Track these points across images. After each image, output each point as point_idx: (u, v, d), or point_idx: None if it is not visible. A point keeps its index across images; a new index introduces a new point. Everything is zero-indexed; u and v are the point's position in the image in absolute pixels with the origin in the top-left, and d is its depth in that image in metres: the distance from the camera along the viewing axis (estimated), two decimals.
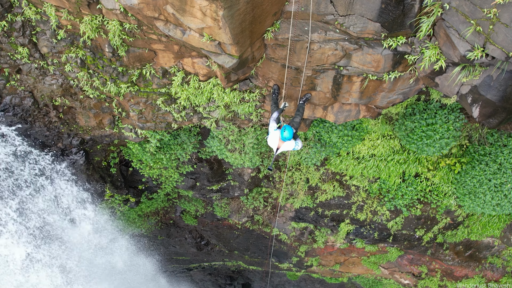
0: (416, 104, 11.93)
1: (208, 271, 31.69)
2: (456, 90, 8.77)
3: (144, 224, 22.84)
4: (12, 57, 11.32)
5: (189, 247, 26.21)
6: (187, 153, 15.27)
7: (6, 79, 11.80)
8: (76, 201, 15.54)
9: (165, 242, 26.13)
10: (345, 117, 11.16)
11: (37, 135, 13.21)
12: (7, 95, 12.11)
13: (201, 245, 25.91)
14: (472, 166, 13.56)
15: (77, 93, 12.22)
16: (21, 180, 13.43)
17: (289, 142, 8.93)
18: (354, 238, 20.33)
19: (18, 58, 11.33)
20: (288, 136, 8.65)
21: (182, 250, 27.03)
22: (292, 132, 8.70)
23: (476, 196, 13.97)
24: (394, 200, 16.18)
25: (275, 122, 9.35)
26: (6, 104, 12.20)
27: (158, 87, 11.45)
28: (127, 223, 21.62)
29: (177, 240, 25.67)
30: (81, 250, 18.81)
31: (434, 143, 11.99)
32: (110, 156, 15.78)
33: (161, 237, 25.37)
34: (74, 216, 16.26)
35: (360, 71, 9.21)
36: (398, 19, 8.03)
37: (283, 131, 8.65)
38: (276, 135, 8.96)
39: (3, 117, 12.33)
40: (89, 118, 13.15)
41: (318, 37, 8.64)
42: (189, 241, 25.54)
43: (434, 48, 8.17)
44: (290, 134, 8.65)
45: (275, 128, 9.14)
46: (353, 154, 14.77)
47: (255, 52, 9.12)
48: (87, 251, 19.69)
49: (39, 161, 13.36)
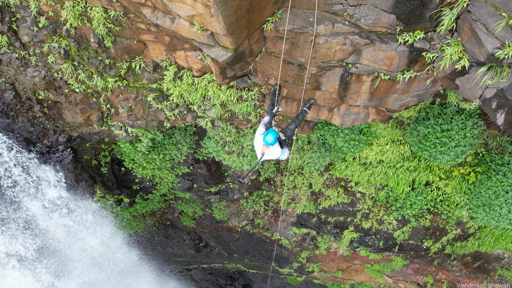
0: (431, 108, 10.93)
1: (208, 271, 31.59)
2: (479, 93, 7.73)
3: (140, 225, 22.10)
4: None
5: (187, 249, 26.05)
6: (182, 154, 14.31)
7: None
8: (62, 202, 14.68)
9: (162, 243, 26.00)
10: (352, 120, 10.13)
11: (20, 130, 12.30)
12: None
13: (199, 247, 25.71)
14: (488, 177, 12.53)
15: (61, 86, 11.29)
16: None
17: (273, 148, 8.33)
18: (358, 246, 19.68)
19: None
20: (270, 141, 8.06)
21: (180, 251, 27.04)
22: (275, 137, 8.08)
23: (491, 208, 12.95)
24: (402, 210, 15.18)
25: (264, 127, 8.73)
26: None
27: (148, 82, 10.48)
28: (121, 224, 20.80)
29: (175, 241, 25.50)
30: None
31: (448, 151, 10.98)
32: (101, 155, 14.85)
33: (158, 238, 25.15)
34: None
35: (370, 69, 8.18)
36: (416, 11, 7.01)
37: (266, 135, 8.08)
38: (260, 140, 8.41)
39: None
40: (76, 114, 12.22)
41: (325, 29, 7.63)
42: (187, 243, 25.36)
43: (457, 45, 7.14)
44: (272, 139, 8.05)
45: (261, 132, 8.51)
46: (359, 160, 13.81)
47: (253, 45, 8.11)
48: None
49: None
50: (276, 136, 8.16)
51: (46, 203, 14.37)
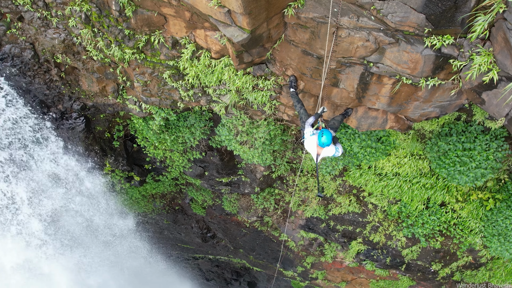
0: (455, 123, 10.31)
1: (215, 263, 31.44)
2: (505, 111, 7.15)
3: (148, 205, 22.01)
4: (14, 2, 10.33)
5: (194, 237, 25.96)
6: (195, 139, 14.02)
7: (7, 26, 10.84)
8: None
9: (171, 228, 26.06)
10: (369, 124, 9.63)
11: (36, 92, 12.23)
12: (7, 44, 11.16)
13: (206, 237, 25.62)
14: (508, 205, 11.81)
15: (80, 52, 11.14)
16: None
17: (328, 147, 8.06)
18: (364, 259, 19.09)
19: (20, 4, 10.36)
20: (326, 142, 7.76)
21: (187, 238, 27.03)
22: (330, 137, 7.77)
23: (506, 239, 12.23)
24: (413, 228, 14.54)
25: (311, 127, 8.39)
26: (5, 53, 11.26)
27: (166, 59, 10.22)
28: (130, 202, 20.75)
29: (183, 227, 25.42)
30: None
31: (468, 172, 10.35)
32: (115, 128, 14.71)
33: (167, 222, 25.00)
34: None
35: (393, 71, 7.68)
36: (448, 13, 6.50)
37: (321, 136, 7.76)
38: (313, 141, 8.09)
39: (1, 66, 11.39)
40: (92, 83, 12.07)
41: (348, 22, 7.18)
42: (195, 231, 25.21)
43: (487, 55, 6.58)
44: (328, 139, 7.75)
45: (311, 133, 8.19)
46: (375, 169, 13.26)
47: (272, 30, 7.73)
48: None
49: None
50: (331, 136, 7.88)
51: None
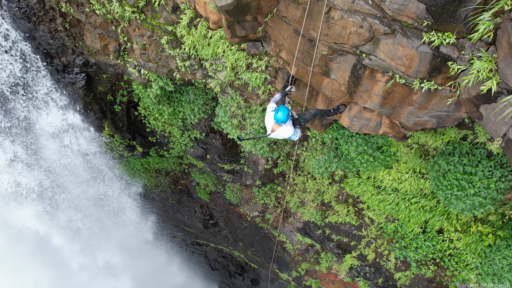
0: (460, 143, 9.37)
1: (222, 254, 31.18)
2: (502, 131, 6.25)
3: (151, 180, 21.76)
4: None
5: (197, 221, 25.72)
6: (195, 116, 13.51)
7: None
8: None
9: (175, 208, 26.09)
10: (361, 125, 8.83)
11: (41, 39, 11.99)
12: None
13: (208, 224, 25.35)
14: (508, 245, 10.77)
15: (84, 4, 10.81)
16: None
17: (285, 127, 8.01)
18: (357, 276, 18.15)
19: None
20: (281, 118, 7.73)
21: (189, 221, 26.78)
22: (286, 114, 7.71)
23: (500, 281, 11.17)
24: (405, 250, 13.58)
25: (275, 103, 8.27)
26: None
27: (165, 23, 9.73)
28: (131, 172, 20.53)
29: (187, 210, 25.20)
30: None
31: (465, 198, 9.40)
32: (119, 92, 14.37)
33: (171, 201, 24.79)
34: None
35: (386, 66, 6.89)
36: (450, 6, 5.69)
37: (277, 112, 7.77)
38: (271, 117, 8.06)
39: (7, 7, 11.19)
40: (95, 39, 11.73)
41: (343, 2, 6.46)
42: (198, 215, 24.97)
43: (489, 61, 5.73)
44: (283, 116, 7.71)
45: (272, 108, 8.14)
46: (374, 181, 12.41)
47: (262, 0, 7.08)
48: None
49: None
50: (288, 113, 7.67)
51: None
